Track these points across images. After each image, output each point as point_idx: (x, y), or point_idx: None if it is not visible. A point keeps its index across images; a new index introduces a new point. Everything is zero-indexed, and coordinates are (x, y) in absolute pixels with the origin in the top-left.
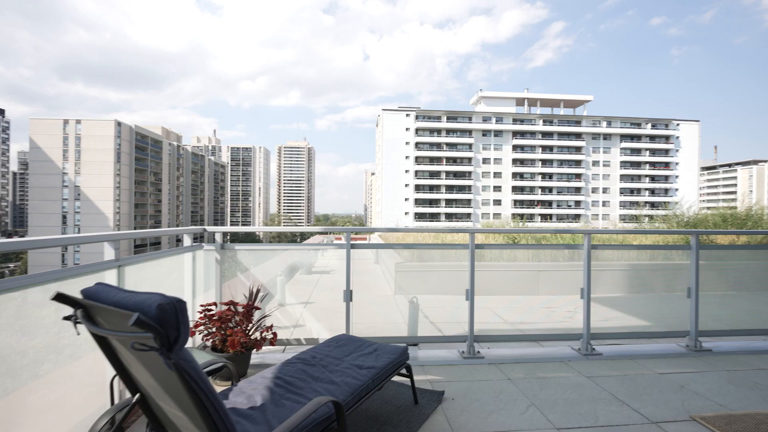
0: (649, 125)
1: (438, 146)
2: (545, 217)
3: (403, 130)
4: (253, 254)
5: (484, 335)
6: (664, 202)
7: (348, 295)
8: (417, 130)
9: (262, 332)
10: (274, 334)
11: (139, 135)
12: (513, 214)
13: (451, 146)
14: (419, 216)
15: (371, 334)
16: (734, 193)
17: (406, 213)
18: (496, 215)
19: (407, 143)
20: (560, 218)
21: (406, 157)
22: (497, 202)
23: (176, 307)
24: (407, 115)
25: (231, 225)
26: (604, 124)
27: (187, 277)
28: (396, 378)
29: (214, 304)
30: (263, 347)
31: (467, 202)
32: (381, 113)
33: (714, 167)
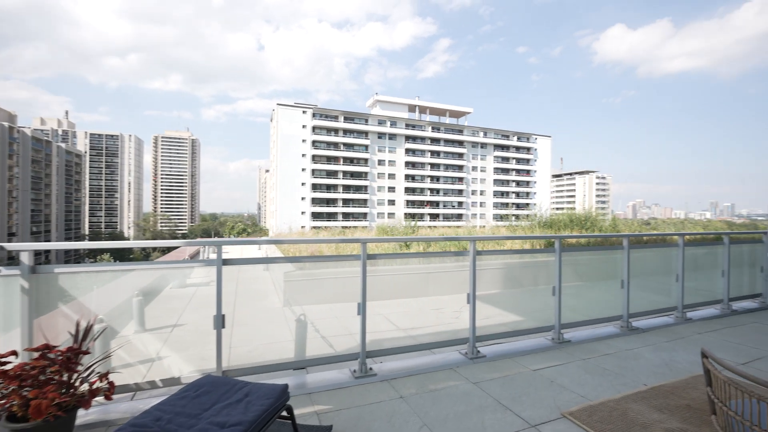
0: (516, 138)
1: (335, 146)
2: (434, 216)
3: (299, 127)
4: (85, 277)
5: (377, 350)
6: (526, 204)
7: (219, 321)
8: (314, 128)
9: (93, 383)
10: (111, 383)
11: None
12: (406, 214)
13: (348, 146)
14: (316, 216)
15: (252, 360)
16: (574, 196)
17: (302, 212)
18: (391, 215)
19: (304, 141)
20: (446, 217)
21: (303, 155)
22: (392, 203)
23: None
24: (304, 112)
25: (91, 226)
26: (482, 134)
27: None
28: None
29: (14, 353)
30: (95, 400)
31: (363, 202)
32: (276, 108)
33: (560, 175)
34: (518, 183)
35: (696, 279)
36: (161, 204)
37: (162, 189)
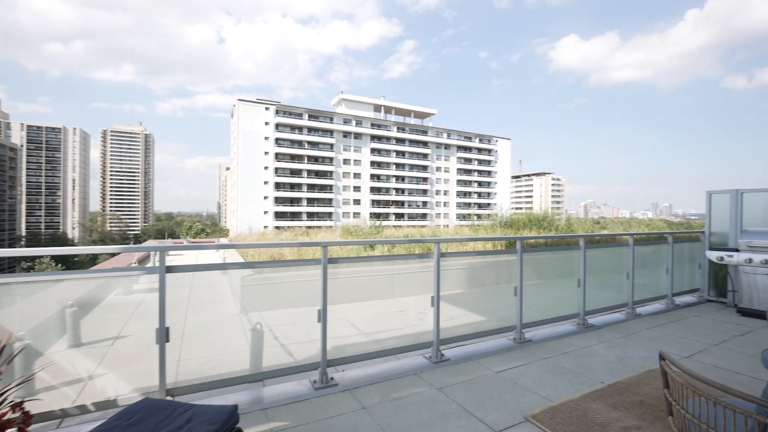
0: (478, 140)
1: (299, 144)
2: (399, 216)
3: (262, 124)
4: (2, 289)
5: (338, 358)
6: (488, 204)
7: (162, 335)
8: (277, 126)
9: (3, 415)
10: (26, 413)
11: None
12: (371, 214)
13: (313, 145)
14: (279, 215)
15: (203, 374)
16: (532, 197)
17: (265, 212)
18: (356, 214)
19: (266, 138)
20: (411, 217)
21: (266, 153)
22: (357, 202)
23: None
24: (267, 108)
25: (29, 226)
26: (445, 135)
27: None
28: None
29: None
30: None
31: (329, 202)
32: (237, 103)
33: (519, 176)
34: (480, 183)
35: (643, 275)
36: (111, 203)
37: (112, 187)
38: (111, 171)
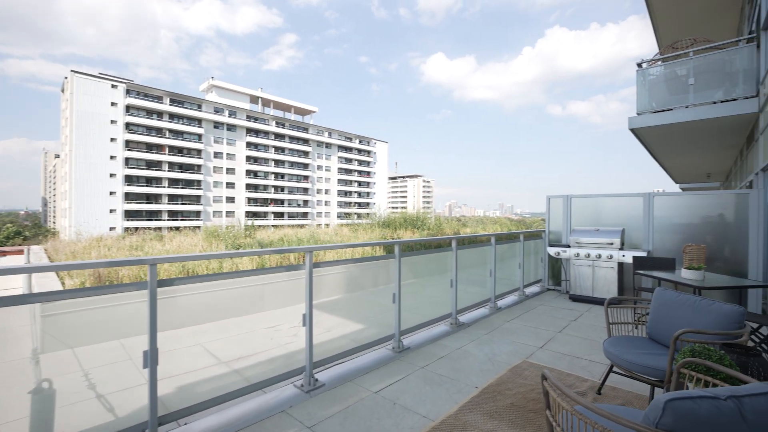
0: (358, 141)
1: (159, 131)
2: (278, 215)
3: (107, 104)
4: None
5: (180, 410)
6: (367, 203)
7: None
8: (129, 108)
9: None
10: None
11: None
12: (247, 213)
13: (177, 134)
14: (132, 214)
15: None
16: (406, 197)
17: (112, 210)
18: (230, 213)
19: (114, 122)
20: (291, 216)
21: (112, 140)
22: (231, 200)
23: None
24: (114, 86)
25: None
26: (326, 134)
27: None
28: None
29: None
30: None
31: (196, 199)
32: (70, 75)
33: (395, 178)
34: (360, 183)
35: (502, 270)
36: None
37: None
38: None
